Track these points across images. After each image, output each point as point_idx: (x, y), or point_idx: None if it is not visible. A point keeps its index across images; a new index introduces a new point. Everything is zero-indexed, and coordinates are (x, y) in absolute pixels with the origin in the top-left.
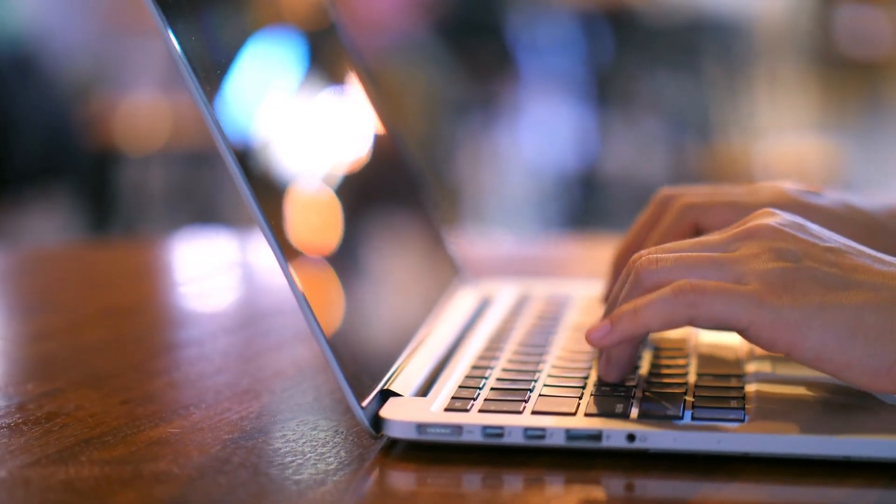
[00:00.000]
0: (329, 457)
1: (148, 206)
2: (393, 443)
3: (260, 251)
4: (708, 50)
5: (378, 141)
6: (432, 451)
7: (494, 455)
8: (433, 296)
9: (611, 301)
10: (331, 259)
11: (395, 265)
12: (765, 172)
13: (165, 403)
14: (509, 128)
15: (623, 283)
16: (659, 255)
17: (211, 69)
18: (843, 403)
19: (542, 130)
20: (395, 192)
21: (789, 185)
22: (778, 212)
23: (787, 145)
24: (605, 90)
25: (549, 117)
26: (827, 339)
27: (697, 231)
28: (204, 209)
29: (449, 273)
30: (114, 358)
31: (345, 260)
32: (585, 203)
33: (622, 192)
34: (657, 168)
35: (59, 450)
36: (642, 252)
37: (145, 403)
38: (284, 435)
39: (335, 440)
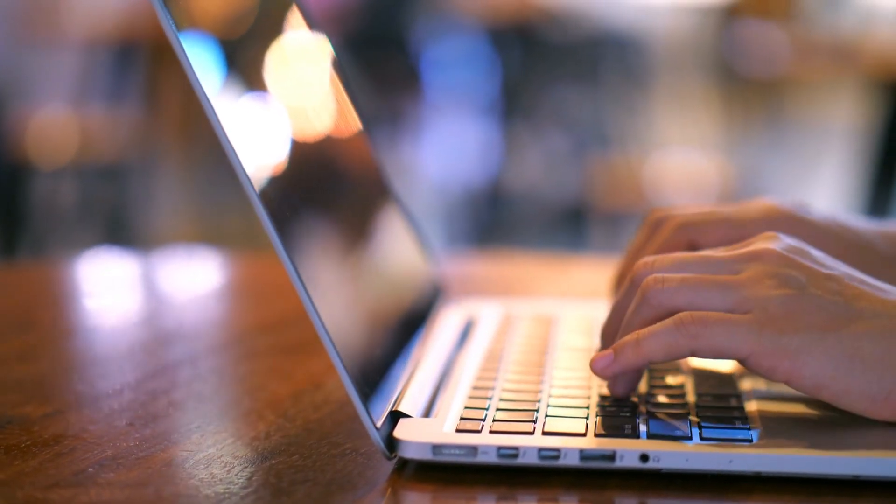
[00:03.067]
0: (347, 478)
1: (58, 223)
2: (403, 463)
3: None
4: (610, 65)
5: (362, 157)
6: (445, 472)
7: (508, 475)
8: (422, 316)
9: (613, 312)
10: (338, 282)
11: (387, 286)
12: (664, 186)
13: (171, 424)
14: (415, 143)
15: (625, 295)
16: (665, 276)
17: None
18: (846, 422)
19: (447, 145)
20: (379, 211)
21: (778, 201)
22: (781, 236)
23: (686, 160)
24: (510, 105)
25: (454, 132)
26: (826, 366)
27: (692, 249)
28: (114, 225)
29: (432, 292)
30: (101, 378)
31: (347, 281)
32: (491, 218)
33: (528, 206)
34: (562, 182)
35: (75, 472)
36: (646, 261)
37: (150, 425)
38: (299, 454)
39: (347, 460)
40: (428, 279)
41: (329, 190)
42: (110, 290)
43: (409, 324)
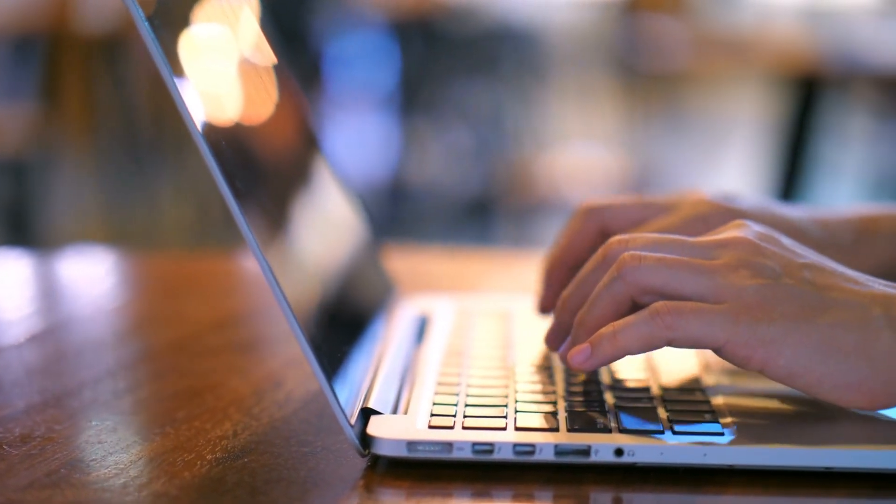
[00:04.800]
0: (321, 475)
1: None
2: (375, 460)
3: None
4: (511, 59)
5: (316, 157)
6: (418, 468)
7: (482, 471)
8: (380, 312)
9: (579, 285)
10: (306, 278)
11: (346, 282)
12: (566, 180)
13: (138, 423)
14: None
15: (594, 270)
16: (643, 254)
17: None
18: (814, 415)
19: (349, 140)
20: (334, 206)
21: (708, 193)
22: (750, 223)
23: (588, 153)
24: (412, 99)
25: (356, 127)
26: (800, 356)
27: (604, 233)
28: (14, 223)
29: (386, 288)
30: (61, 377)
31: (314, 277)
32: (393, 213)
33: (429, 201)
34: (463, 176)
35: (48, 473)
36: (620, 239)
37: (117, 423)
38: (270, 452)
39: (319, 458)
40: (381, 275)
41: (290, 186)
42: (29, 291)
43: (369, 320)
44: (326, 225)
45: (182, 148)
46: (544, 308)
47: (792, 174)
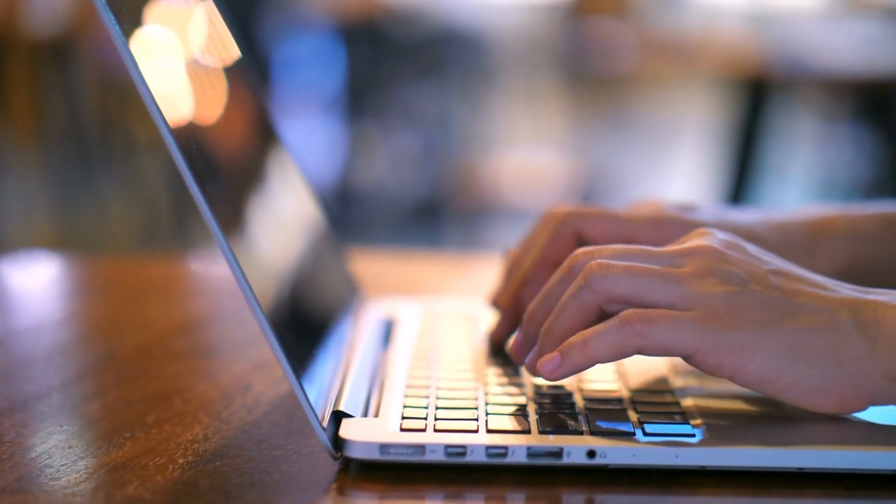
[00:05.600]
0: (294, 479)
1: None
2: (347, 462)
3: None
4: (458, 63)
5: (282, 158)
6: (389, 471)
7: (454, 473)
8: (345, 315)
9: (545, 297)
10: (277, 281)
11: (314, 285)
12: (514, 183)
13: (107, 427)
14: None
15: (561, 282)
16: (610, 262)
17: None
18: (784, 416)
19: (296, 144)
20: (301, 209)
21: (666, 202)
22: (714, 231)
23: (536, 157)
24: (359, 103)
25: (303, 131)
26: (770, 362)
27: (580, 241)
28: None
29: (351, 291)
30: (26, 381)
31: (284, 281)
32: (340, 216)
33: (377, 204)
34: (411, 180)
35: (19, 478)
36: (585, 250)
37: (85, 427)
38: (241, 456)
39: (291, 461)
40: (346, 277)
41: (258, 188)
42: None
43: (335, 322)
44: (294, 228)
45: (130, 151)
46: (497, 303)
47: (741, 177)
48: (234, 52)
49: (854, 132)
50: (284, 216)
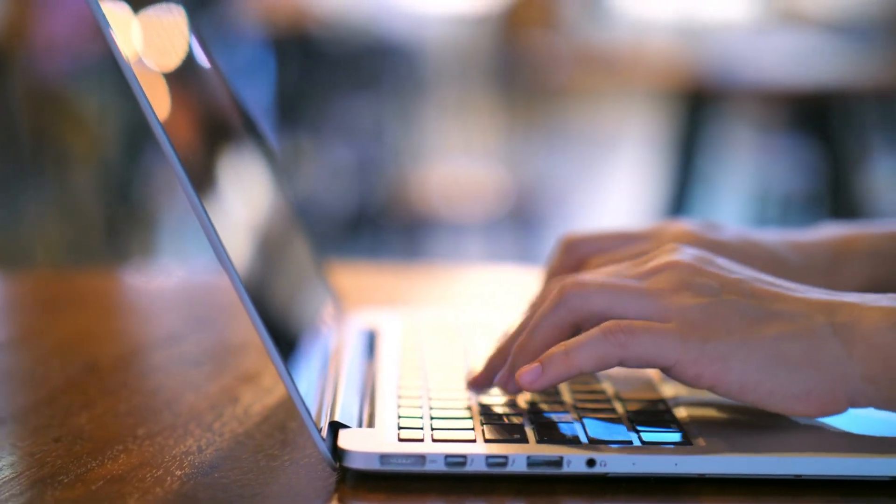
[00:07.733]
0: (294, 490)
1: None
2: (345, 473)
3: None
4: (391, 75)
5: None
6: (388, 481)
7: (453, 483)
8: (330, 326)
9: (530, 323)
10: (273, 295)
11: (300, 297)
12: (444, 195)
13: (99, 439)
14: None
15: (540, 305)
16: (584, 280)
17: None
18: (778, 424)
19: None
20: (282, 222)
21: (689, 224)
22: (682, 246)
23: (470, 169)
24: (291, 115)
25: None
26: (750, 370)
27: (584, 267)
28: None
29: (332, 302)
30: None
31: (278, 294)
32: None
33: (310, 217)
34: (345, 192)
35: (20, 492)
36: (560, 279)
37: (79, 441)
38: (238, 468)
39: (289, 472)
40: (327, 288)
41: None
42: None
43: (322, 334)
44: (282, 239)
45: (61, 164)
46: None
47: (678, 189)
48: (209, 57)
49: (790, 143)
50: (274, 227)
